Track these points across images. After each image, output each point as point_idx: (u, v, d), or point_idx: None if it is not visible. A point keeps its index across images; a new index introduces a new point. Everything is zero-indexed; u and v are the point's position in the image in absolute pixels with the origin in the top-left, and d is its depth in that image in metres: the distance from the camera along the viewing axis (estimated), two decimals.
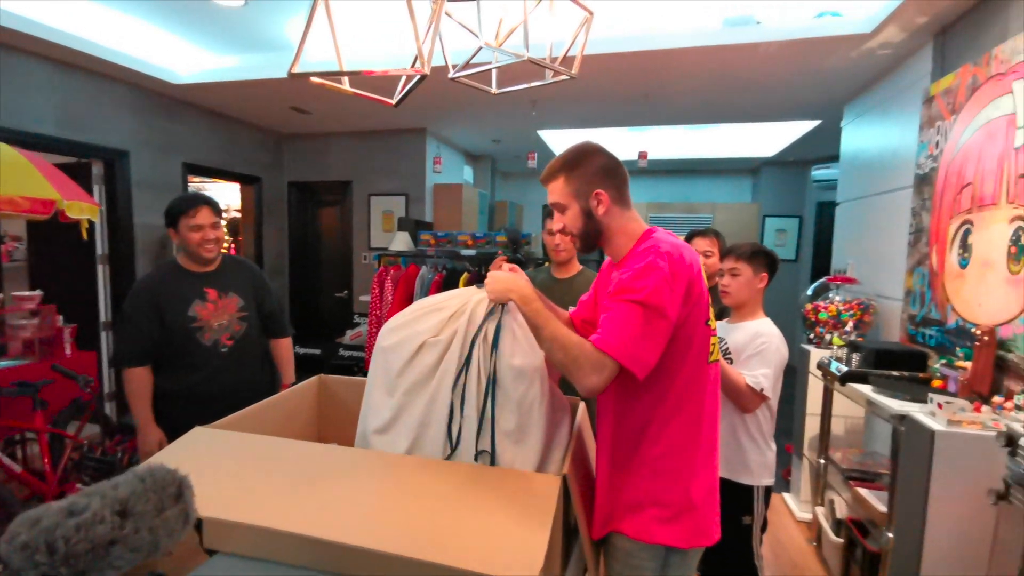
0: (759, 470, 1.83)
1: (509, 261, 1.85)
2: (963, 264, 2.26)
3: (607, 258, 1.36)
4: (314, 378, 1.89)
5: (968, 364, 2.03)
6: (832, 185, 5.16)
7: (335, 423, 1.81)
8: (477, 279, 3.44)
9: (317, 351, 3.90)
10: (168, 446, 1.32)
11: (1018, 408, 1.71)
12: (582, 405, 1.56)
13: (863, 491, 2.24)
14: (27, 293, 2.99)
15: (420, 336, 1.31)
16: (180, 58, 3.60)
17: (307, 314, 5.51)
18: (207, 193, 1.99)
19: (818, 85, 3.60)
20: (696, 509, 1.18)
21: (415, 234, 4.16)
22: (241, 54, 3.57)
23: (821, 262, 5.88)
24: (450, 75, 1.47)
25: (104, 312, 3.65)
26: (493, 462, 1.20)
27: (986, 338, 1.96)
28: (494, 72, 1.61)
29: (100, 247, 3.62)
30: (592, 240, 1.25)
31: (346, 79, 1.18)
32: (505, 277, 1.25)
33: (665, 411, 1.16)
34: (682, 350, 1.15)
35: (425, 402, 1.28)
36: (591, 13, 1.43)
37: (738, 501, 1.79)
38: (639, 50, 3.05)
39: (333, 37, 1.18)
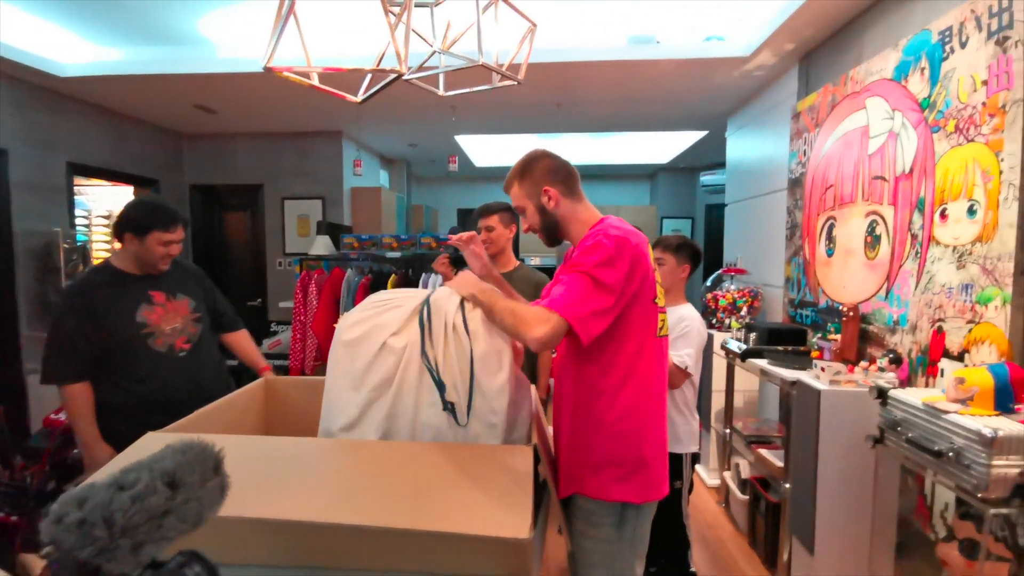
0: (687, 439, 2.07)
1: (451, 258, 1.95)
2: (829, 253, 2.69)
3: (569, 247, 1.50)
4: (260, 380, 1.85)
5: (838, 336, 2.42)
6: (718, 189, 5.75)
7: (285, 423, 1.79)
8: (405, 281, 3.47)
9: (234, 362, 3.67)
10: (119, 455, 1.24)
11: (881, 369, 2.08)
12: (533, 386, 1.68)
13: (763, 451, 2.58)
14: None
15: (386, 329, 1.33)
16: (65, 49, 3.27)
17: None
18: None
19: (706, 100, 4.05)
20: (648, 466, 1.32)
21: (336, 238, 4.08)
22: (136, 46, 3.32)
23: (712, 258, 6.50)
24: (405, 76, 1.54)
25: None
26: (470, 404, 1.27)
27: (851, 314, 2.36)
28: (441, 76, 1.71)
29: None
30: (553, 231, 1.39)
31: (315, 74, 1.23)
32: (474, 279, 1.42)
33: (618, 378, 1.31)
34: (630, 324, 1.30)
35: (393, 393, 1.29)
36: (535, 24, 1.58)
37: (670, 468, 2.02)
38: (553, 62, 3.26)
39: (300, 34, 1.22)
